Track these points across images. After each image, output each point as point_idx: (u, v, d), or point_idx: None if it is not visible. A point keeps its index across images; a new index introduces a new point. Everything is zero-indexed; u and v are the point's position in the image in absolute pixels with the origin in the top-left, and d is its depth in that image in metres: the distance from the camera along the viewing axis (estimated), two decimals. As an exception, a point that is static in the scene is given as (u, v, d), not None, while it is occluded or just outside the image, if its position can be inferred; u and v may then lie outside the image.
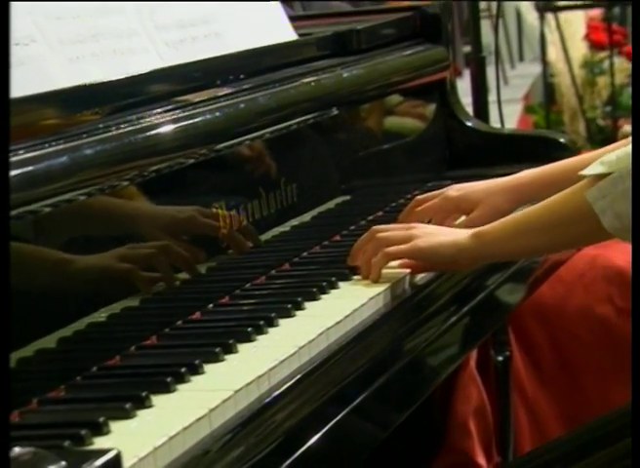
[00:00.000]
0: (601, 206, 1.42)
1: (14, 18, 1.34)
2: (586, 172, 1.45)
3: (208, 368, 1.23)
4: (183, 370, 1.20)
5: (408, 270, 1.59)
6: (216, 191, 1.53)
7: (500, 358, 2.39)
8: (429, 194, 1.75)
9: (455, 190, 1.73)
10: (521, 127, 4.33)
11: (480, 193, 1.72)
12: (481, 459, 2.37)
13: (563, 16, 4.26)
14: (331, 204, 1.81)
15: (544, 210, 1.53)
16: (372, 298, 1.48)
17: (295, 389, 1.24)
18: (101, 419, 1.06)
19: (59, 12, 1.41)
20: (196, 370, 1.21)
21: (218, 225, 1.50)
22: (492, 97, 3.39)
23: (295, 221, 1.70)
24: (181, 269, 1.44)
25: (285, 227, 1.67)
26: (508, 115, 4.32)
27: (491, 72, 3.00)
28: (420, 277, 1.62)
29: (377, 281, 1.55)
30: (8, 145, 1.05)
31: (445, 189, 1.74)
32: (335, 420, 1.27)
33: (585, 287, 2.51)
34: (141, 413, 1.11)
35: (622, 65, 4.49)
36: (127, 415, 1.09)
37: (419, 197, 1.75)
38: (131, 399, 1.11)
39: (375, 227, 1.61)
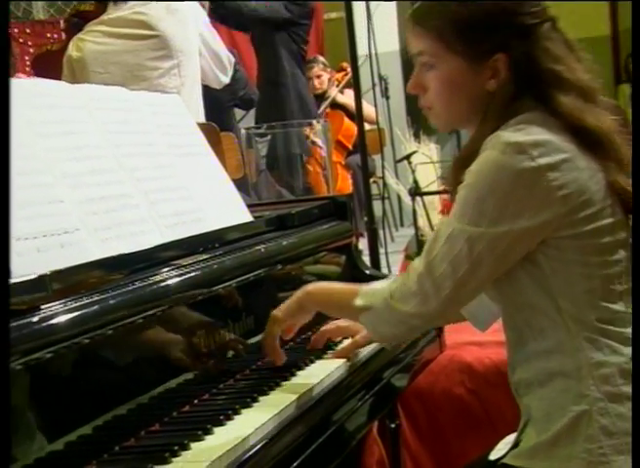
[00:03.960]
0: (370, 328, 1.49)
1: (65, 215, 1.34)
2: (357, 303, 1.48)
3: (193, 445, 1.20)
4: (176, 447, 1.17)
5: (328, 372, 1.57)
6: (198, 323, 1.50)
7: (393, 425, 2.35)
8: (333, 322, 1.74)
9: (342, 321, 1.72)
10: (402, 270, 4.34)
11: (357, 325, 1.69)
12: (382, 495, 2.34)
13: (426, 198, 4.33)
14: (277, 328, 1.78)
15: (341, 299, 1.54)
16: (303, 393, 1.46)
17: (255, 456, 1.21)
18: (120, 485, 1.03)
19: (95, 209, 1.41)
20: (185, 447, 1.18)
21: (200, 346, 1.48)
22: (384, 250, 3.43)
23: (252, 340, 1.66)
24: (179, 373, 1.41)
25: (246, 344, 1.65)
26: (395, 261, 4.38)
27: (382, 234, 3.06)
28: (338, 376, 1.58)
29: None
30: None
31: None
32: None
33: (447, 375, 2.49)
34: (148, 480, 1.09)
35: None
36: (138, 482, 1.07)
37: (324, 328, 1.74)
38: (140, 470, 1.09)
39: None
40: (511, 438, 1.53)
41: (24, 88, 1.43)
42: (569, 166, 1.34)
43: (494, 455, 1.54)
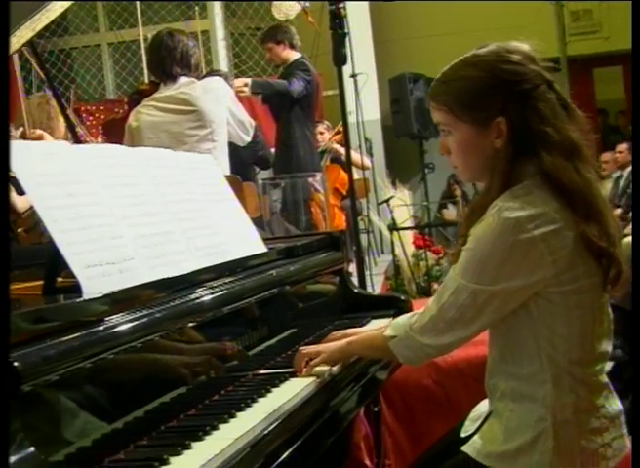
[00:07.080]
0: (396, 352, 1.45)
1: (124, 247, 1.34)
2: (386, 334, 1.47)
3: (174, 458, 1.08)
4: (165, 456, 1.07)
5: (327, 368, 1.56)
6: (225, 331, 1.50)
7: (376, 409, 2.34)
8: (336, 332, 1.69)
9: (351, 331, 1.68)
10: (383, 288, 4.32)
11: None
12: (367, 462, 2.30)
13: (402, 232, 4.34)
14: (285, 334, 1.78)
15: (373, 340, 1.53)
16: (308, 385, 1.46)
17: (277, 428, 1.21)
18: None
19: (146, 243, 1.41)
20: (177, 453, 1.09)
21: (225, 348, 1.48)
22: (368, 272, 3.41)
23: (267, 344, 1.66)
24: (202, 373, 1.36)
25: (262, 347, 1.64)
26: (377, 281, 4.36)
27: (367, 259, 3.05)
28: (334, 370, 1.57)
29: (309, 373, 1.52)
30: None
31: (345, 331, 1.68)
32: (287, 453, 1.24)
33: (418, 370, 2.45)
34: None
35: (431, 256, 4.53)
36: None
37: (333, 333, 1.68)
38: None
39: (301, 348, 1.59)
40: (477, 412, 1.50)
41: (96, 151, 1.45)
42: (560, 235, 1.29)
43: (464, 433, 1.50)
